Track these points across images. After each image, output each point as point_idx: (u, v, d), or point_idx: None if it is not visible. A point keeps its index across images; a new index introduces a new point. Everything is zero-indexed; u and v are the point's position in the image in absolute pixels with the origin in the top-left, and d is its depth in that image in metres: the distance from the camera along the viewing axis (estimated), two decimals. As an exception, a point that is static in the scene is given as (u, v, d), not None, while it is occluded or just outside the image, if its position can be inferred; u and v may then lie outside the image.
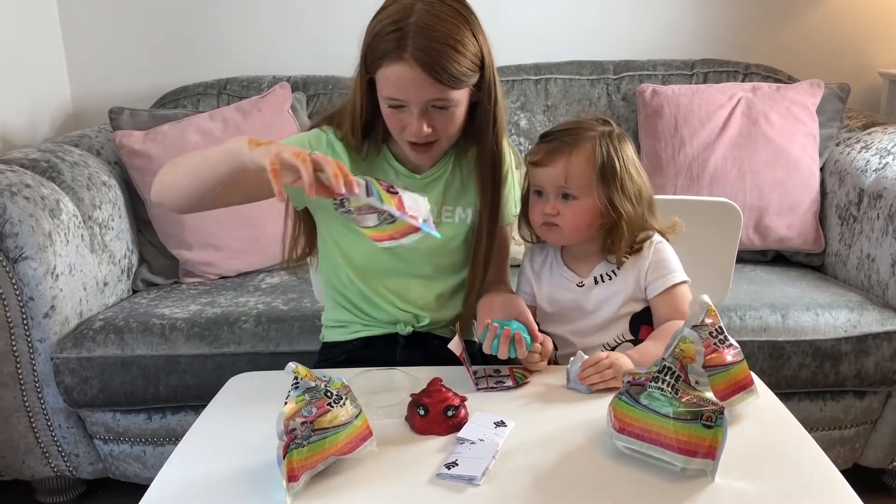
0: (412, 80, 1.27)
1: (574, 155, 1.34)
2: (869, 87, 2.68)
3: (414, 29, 1.25)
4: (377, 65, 1.28)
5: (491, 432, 1.13)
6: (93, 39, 2.63)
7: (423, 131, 1.31)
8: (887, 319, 1.85)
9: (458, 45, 1.27)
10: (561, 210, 1.36)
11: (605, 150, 1.35)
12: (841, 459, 1.94)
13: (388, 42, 1.26)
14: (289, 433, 1.00)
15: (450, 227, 1.46)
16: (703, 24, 2.67)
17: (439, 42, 1.26)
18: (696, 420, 1.00)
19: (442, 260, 1.47)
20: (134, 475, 1.95)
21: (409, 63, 1.25)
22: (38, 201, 1.82)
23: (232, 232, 2.16)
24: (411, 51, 1.24)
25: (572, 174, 1.34)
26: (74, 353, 1.81)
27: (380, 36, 1.27)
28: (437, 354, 1.37)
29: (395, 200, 1.14)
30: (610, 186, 1.34)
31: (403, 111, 1.31)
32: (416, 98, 1.29)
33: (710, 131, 2.22)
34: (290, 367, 1.07)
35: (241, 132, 2.21)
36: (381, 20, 1.28)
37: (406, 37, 1.25)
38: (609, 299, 1.39)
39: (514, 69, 2.50)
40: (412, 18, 1.25)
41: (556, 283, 1.43)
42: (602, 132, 1.37)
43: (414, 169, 1.43)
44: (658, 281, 1.38)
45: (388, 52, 1.26)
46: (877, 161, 2.06)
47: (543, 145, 1.38)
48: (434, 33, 1.26)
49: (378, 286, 1.46)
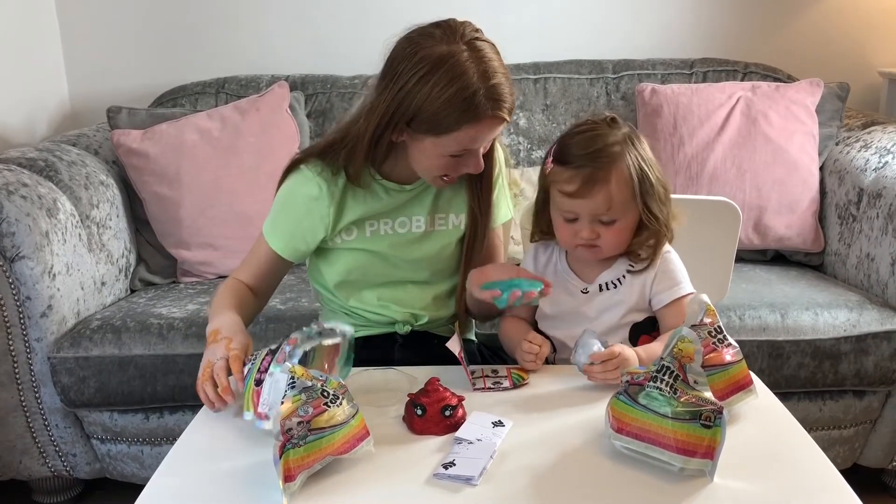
0: (496, 128, 1.29)
1: (613, 182, 1.28)
2: (868, 86, 2.67)
3: (487, 89, 1.24)
4: (446, 130, 1.26)
5: (489, 432, 1.12)
6: (91, 38, 2.63)
7: (481, 166, 1.34)
8: (887, 319, 1.84)
9: (510, 78, 1.30)
10: (601, 233, 1.31)
11: (637, 165, 1.29)
12: (840, 459, 1.94)
13: (464, 108, 1.24)
14: (285, 433, 0.99)
15: (444, 234, 1.46)
16: (703, 23, 2.66)
17: (508, 85, 1.28)
18: (694, 420, 1.00)
19: (437, 266, 1.47)
20: (131, 475, 1.95)
21: (493, 119, 1.27)
22: (35, 200, 1.82)
23: (230, 232, 2.16)
24: (497, 107, 1.26)
25: (615, 201, 1.29)
26: (72, 352, 1.81)
27: (449, 105, 1.24)
28: (436, 353, 1.36)
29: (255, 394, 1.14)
30: (648, 196, 1.31)
31: (464, 156, 1.32)
32: (489, 142, 1.33)
33: (709, 130, 2.22)
34: (287, 366, 1.07)
35: (239, 131, 2.21)
36: (438, 85, 1.24)
37: (486, 98, 1.24)
38: (612, 308, 1.37)
39: (513, 68, 2.49)
40: (475, 79, 1.24)
41: (559, 286, 1.39)
42: (624, 140, 1.30)
43: (402, 182, 1.43)
44: (665, 293, 1.36)
45: (468, 118, 1.25)
46: (876, 160, 2.06)
47: (574, 172, 1.29)
48: (501, 79, 1.27)
49: (371, 297, 1.47)
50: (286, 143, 2.24)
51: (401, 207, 1.43)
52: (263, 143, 2.22)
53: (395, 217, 1.44)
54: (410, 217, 1.44)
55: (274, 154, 2.16)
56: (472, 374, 1.30)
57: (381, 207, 1.42)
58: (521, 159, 2.41)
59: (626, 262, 1.38)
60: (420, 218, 1.44)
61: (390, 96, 1.27)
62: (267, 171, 2.14)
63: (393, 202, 1.43)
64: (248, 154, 2.20)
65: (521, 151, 2.42)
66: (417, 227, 1.44)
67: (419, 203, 1.43)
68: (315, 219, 1.40)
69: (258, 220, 2.12)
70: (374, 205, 1.42)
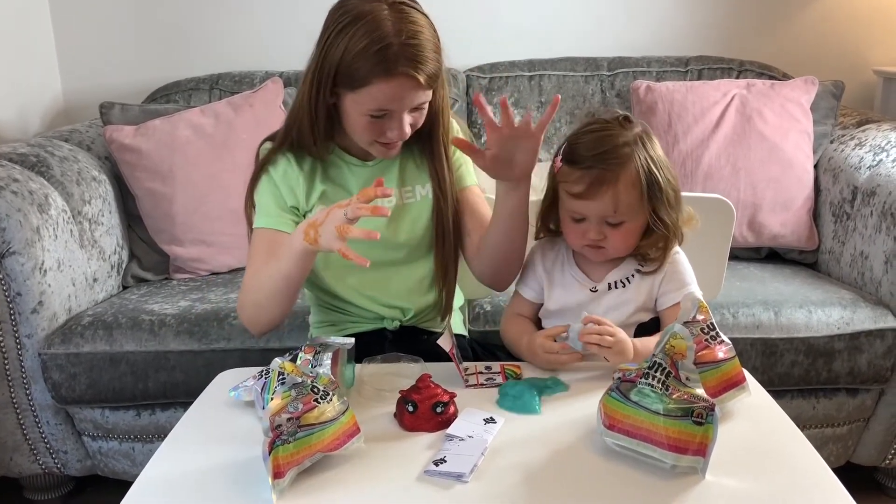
0: (409, 90, 1.27)
1: (621, 184, 1.26)
2: (863, 84, 2.67)
3: (402, 44, 1.24)
4: (360, 83, 1.26)
5: (480, 429, 1.12)
6: (84, 34, 2.62)
7: (406, 133, 1.33)
8: (880, 317, 1.84)
9: (437, 48, 1.28)
10: (608, 234, 1.30)
11: (646, 167, 1.28)
12: (833, 457, 1.94)
13: (376, 60, 1.24)
14: (274, 429, 0.99)
15: (413, 206, 1.46)
16: (698, 20, 2.66)
17: (429, 50, 1.26)
18: (686, 417, 0.99)
19: (413, 240, 1.45)
20: (123, 472, 1.94)
21: (405, 77, 1.25)
22: (26, 196, 1.81)
23: (223, 228, 2.15)
24: (410, 65, 1.24)
25: (622, 203, 1.27)
26: (62, 349, 1.80)
27: (362, 55, 1.24)
28: (426, 349, 1.35)
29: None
30: (657, 200, 1.29)
31: (385, 118, 1.31)
32: (407, 105, 1.30)
33: (703, 128, 2.22)
34: (277, 362, 1.06)
35: (232, 127, 2.20)
36: (355, 37, 1.25)
37: (399, 52, 1.23)
38: (619, 307, 1.36)
39: (508, 65, 2.50)
40: (391, 32, 1.23)
41: (567, 284, 1.39)
42: (635, 141, 1.29)
43: (364, 158, 1.44)
44: (672, 293, 1.35)
45: (379, 71, 1.24)
46: (871, 158, 2.06)
47: (582, 173, 1.28)
48: (421, 41, 1.25)
49: (355, 284, 1.46)
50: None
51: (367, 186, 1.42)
52: (257, 140, 2.16)
53: None
54: None
55: (267, 150, 2.15)
56: (464, 371, 1.29)
57: (346, 183, 1.43)
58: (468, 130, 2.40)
59: (635, 262, 1.37)
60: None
61: (317, 53, 1.30)
62: (260, 168, 2.13)
63: (357, 179, 1.43)
64: (241, 150, 2.18)
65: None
66: (388, 203, 1.43)
67: (385, 176, 1.42)
68: (290, 185, 1.41)
69: (251, 217, 2.14)
70: (340, 181, 1.43)
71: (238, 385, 1.25)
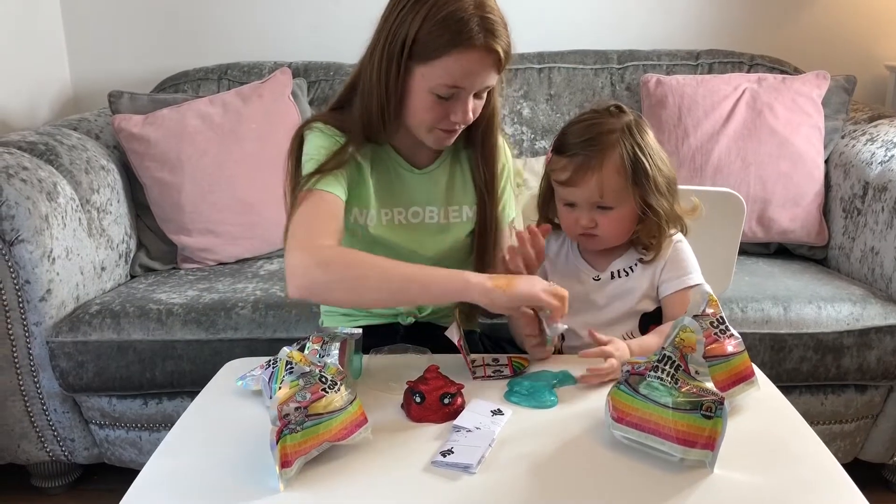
0: (485, 66, 1.25)
1: (605, 169, 1.28)
2: (875, 79, 2.66)
3: (483, 17, 1.22)
4: (436, 54, 1.24)
5: (487, 420, 1.12)
6: (93, 23, 2.62)
7: (469, 118, 1.30)
8: (890, 313, 1.83)
9: (507, 27, 1.27)
10: (599, 221, 1.32)
11: (631, 153, 1.29)
12: (841, 454, 1.93)
13: (457, 29, 1.22)
14: (282, 418, 0.98)
15: (458, 226, 1.44)
16: (709, 14, 2.64)
17: (504, 27, 1.25)
18: (695, 410, 0.99)
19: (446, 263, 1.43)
20: (129, 461, 1.94)
21: (484, 50, 1.23)
22: (35, 184, 1.81)
23: (231, 218, 2.15)
24: (490, 37, 1.23)
25: (606, 189, 1.29)
26: (70, 337, 1.80)
27: (441, 24, 1.22)
28: (439, 343, 1.35)
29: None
30: (644, 187, 1.30)
31: (451, 100, 1.28)
32: (478, 84, 1.28)
33: (714, 122, 2.20)
34: (285, 351, 1.06)
35: (241, 117, 2.19)
36: (435, 7, 1.22)
37: (481, 24, 1.22)
38: (623, 295, 1.37)
39: (518, 58, 2.47)
40: (471, 4, 1.22)
41: (570, 273, 1.40)
42: (622, 129, 1.30)
43: (411, 161, 1.42)
44: (673, 281, 1.35)
45: (459, 41, 1.22)
46: (882, 153, 2.04)
47: (567, 161, 1.30)
48: (497, 17, 1.24)
49: None
50: (288, 130, 2.20)
51: (412, 194, 1.41)
52: (265, 130, 2.21)
53: (408, 206, 1.41)
54: (424, 207, 1.42)
55: (276, 141, 2.15)
56: (472, 363, 1.29)
57: (392, 187, 1.40)
58: (524, 149, 2.40)
59: (637, 252, 1.38)
60: (433, 209, 1.43)
61: (387, 27, 1.27)
62: (268, 158, 2.13)
63: (404, 186, 1.41)
64: (249, 140, 2.19)
65: (524, 141, 2.41)
66: (431, 219, 1.42)
67: (431, 192, 1.40)
68: (343, 159, 1.34)
69: (259, 207, 2.14)
70: (386, 179, 1.39)
71: (245, 374, 1.25)
